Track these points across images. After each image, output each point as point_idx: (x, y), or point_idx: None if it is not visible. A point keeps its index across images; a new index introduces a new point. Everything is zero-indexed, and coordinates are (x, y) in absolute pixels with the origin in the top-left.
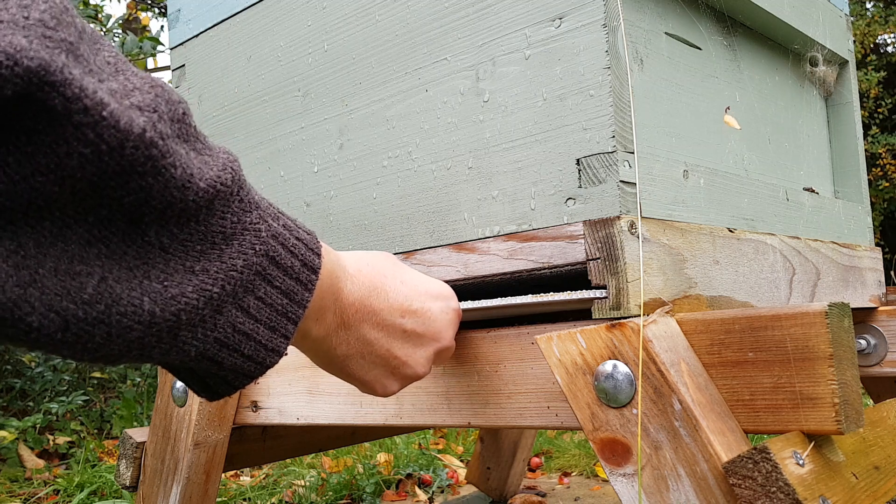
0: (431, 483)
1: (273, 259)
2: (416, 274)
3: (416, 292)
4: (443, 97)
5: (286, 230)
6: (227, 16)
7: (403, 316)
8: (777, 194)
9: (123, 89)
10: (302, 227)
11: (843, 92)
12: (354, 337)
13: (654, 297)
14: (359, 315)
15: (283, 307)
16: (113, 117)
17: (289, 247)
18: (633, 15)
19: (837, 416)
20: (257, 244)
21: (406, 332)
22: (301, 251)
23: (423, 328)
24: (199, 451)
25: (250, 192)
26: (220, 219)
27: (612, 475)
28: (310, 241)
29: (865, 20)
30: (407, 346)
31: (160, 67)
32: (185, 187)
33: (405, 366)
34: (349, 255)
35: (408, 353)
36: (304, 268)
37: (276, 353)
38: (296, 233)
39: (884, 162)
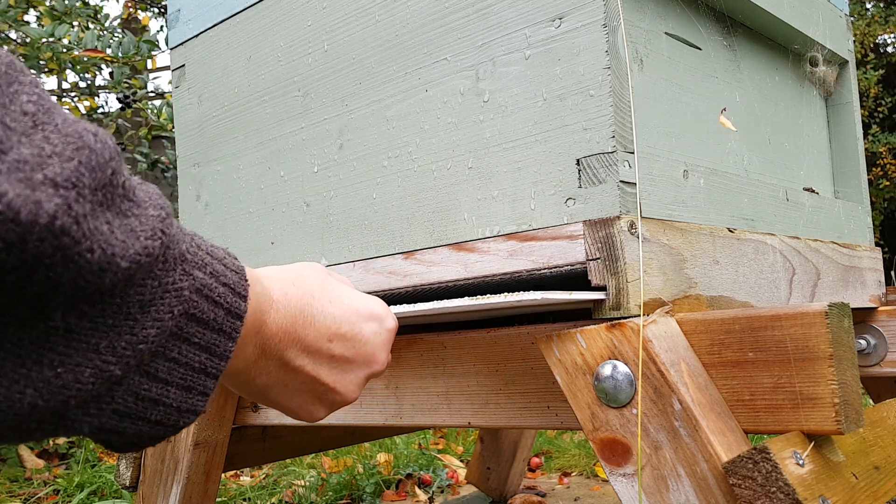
0: (431, 483)
1: (193, 316)
2: (348, 291)
3: (346, 313)
4: (443, 97)
5: (213, 277)
6: (227, 16)
7: (332, 340)
8: (777, 194)
9: (37, 157)
10: (230, 267)
11: (843, 92)
12: (276, 365)
13: (654, 297)
14: (282, 344)
15: (201, 364)
16: (11, 209)
17: (213, 297)
18: (633, 15)
19: (837, 416)
20: (177, 306)
21: (334, 357)
22: (227, 299)
23: (352, 352)
24: (199, 451)
25: (178, 244)
26: (139, 287)
27: (612, 475)
28: (237, 283)
29: (865, 20)
30: (335, 371)
31: (160, 68)
32: (102, 270)
33: (333, 392)
34: (276, 275)
35: (336, 379)
36: (228, 316)
37: (191, 413)
38: (223, 277)
39: (884, 161)
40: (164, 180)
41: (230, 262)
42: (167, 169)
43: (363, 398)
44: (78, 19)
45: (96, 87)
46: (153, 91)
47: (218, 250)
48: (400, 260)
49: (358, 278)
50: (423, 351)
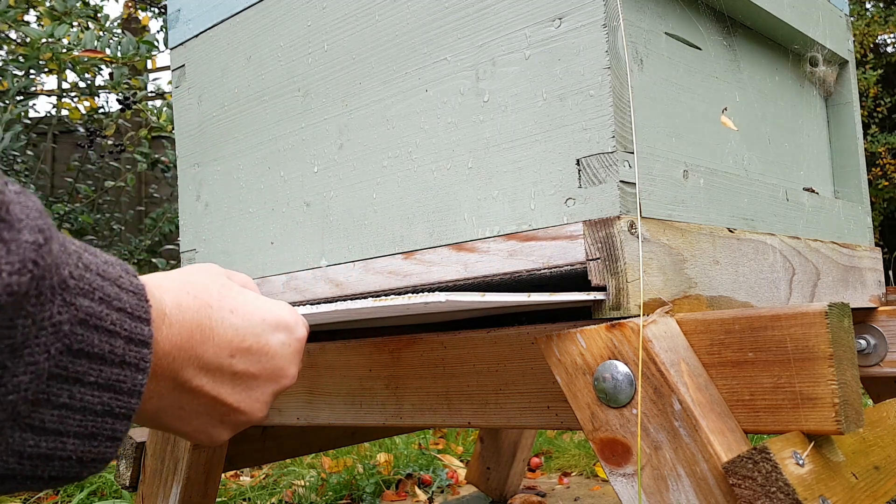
0: (431, 483)
1: (80, 352)
2: (251, 298)
3: (249, 323)
4: (443, 97)
5: (103, 303)
6: (227, 16)
7: (234, 355)
8: (777, 194)
9: None
10: (127, 287)
11: (843, 92)
12: (169, 387)
13: (654, 297)
14: (176, 363)
15: (104, 405)
16: None
17: (105, 326)
18: (633, 15)
19: (837, 416)
20: (54, 343)
21: (237, 374)
22: (125, 325)
23: (258, 368)
24: (199, 451)
25: (58, 270)
26: (7, 330)
27: (612, 475)
28: (136, 305)
29: (865, 20)
30: (239, 390)
31: (160, 68)
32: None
33: (237, 413)
34: (167, 284)
35: (240, 398)
36: (130, 345)
37: (98, 461)
38: (118, 301)
39: (883, 161)
40: (164, 180)
41: (127, 280)
42: (167, 169)
43: (363, 398)
44: (78, 20)
45: (96, 88)
46: (153, 91)
47: (113, 268)
48: (400, 260)
49: (358, 278)
50: (423, 351)
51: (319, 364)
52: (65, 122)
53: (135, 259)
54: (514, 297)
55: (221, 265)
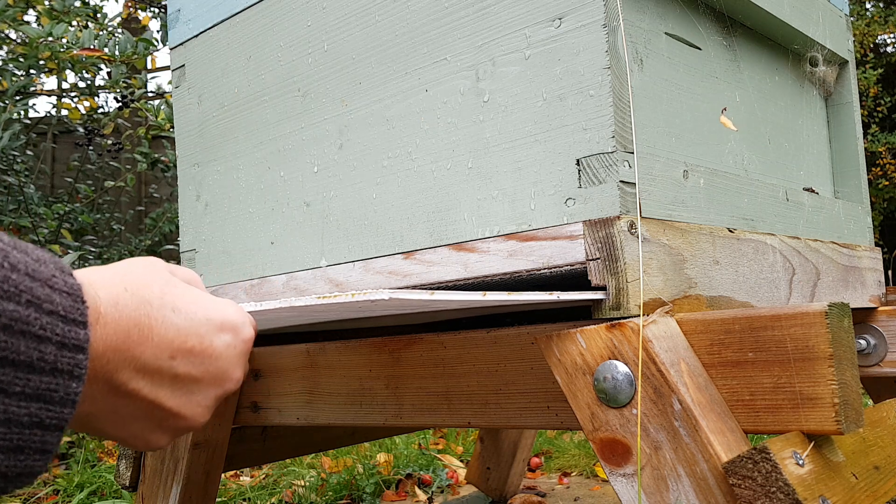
0: (431, 483)
1: (3, 361)
2: (195, 296)
3: (193, 323)
4: (443, 97)
5: (31, 307)
6: (227, 16)
7: (175, 357)
8: (777, 194)
9: None
10: (60, 287)
11: (843, 92)
12: (104, 391)
13: (654, 297)
14: (112, 365)
15: (32, 416)
16: None
17: (34, 332)
18: (633, 15)
19: (837, 416)
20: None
21: (178, 377)
22: (56, 329)
23: (201, 370)
24: (199, 451)
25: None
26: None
27: (612, 475)
28: (70, 307)
29: (865, 20)
30: (179, 394)
31: (160, 68)
32: None
33: (177, 418)
34: (104, 280)
35: (181, 402)
36: (63, 351)
37: (27, 475)
38: (49, 304)
39: (883, 161)
40: (164, 180)
41: (61, 280)
42: (167, 169)
43: (363, 398)
44: (77, 19)
45: (96, 88)
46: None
47: (45, 266)
48: (400, 260)
49: (358, 278)
50: (423, 351)
51: (319, 364)
52: (64, 122)
53: None
54: (467, 295)
55: (221, 265)
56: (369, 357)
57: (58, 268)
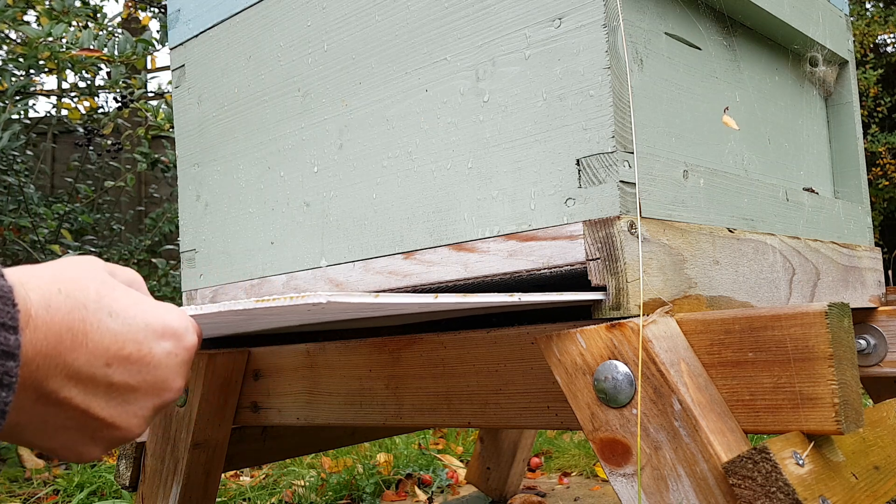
0: (431, 483)
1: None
2: (135, 300)
3: (131, 329)
4: (443, 97)
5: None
6: (226, 16)
7: (110, 364)
8: (777, 194)
9: None
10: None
11: (843, 92)
12: (32, 399)
13: (654, 297)
14: (41, 371)
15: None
16: None
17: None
18: (633, 15)
19: (837, 416)
20: None
21: (114, 385)
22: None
23: (138, 379)
24: (199, 451)
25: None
26: None
27: (612, 475)
28: (7, 293)
29: (865, 20)
30: (114, 403)
31: (160, 68)
32: None
33: (111, 428)
34: (36, 281)
35: (115, 413)
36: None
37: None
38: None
39: (883, 161)
40: (164, 180)
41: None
42: (167, 169)
43: (363, 398)
44: (76, 19)
45: (96, 88)
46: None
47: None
48: (400, 260)
49: (358, 278)
50: (423, 351)
51: (319, 364)
52: (64, 122)
53: (135, 259)
54: (415, 298)
55: (221, 265)
56: (369, 357)
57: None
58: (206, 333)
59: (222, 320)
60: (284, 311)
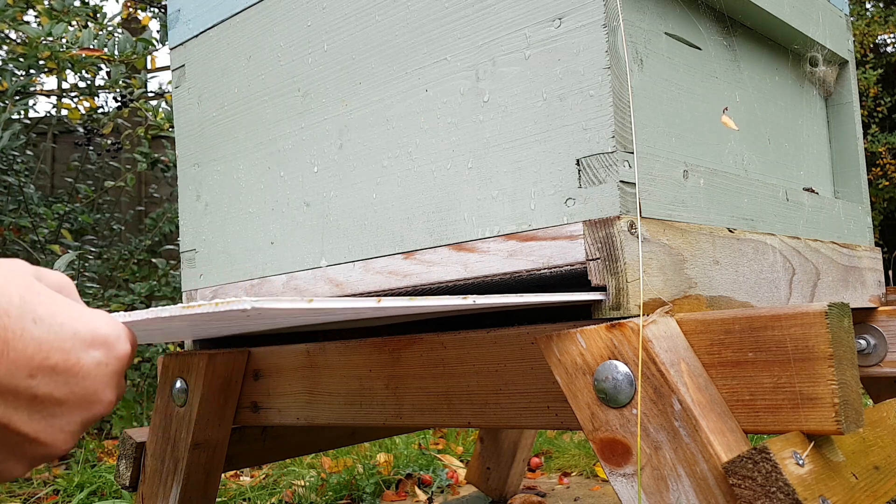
0: (431, 483)
1: None
2: (63, 306)
3: (57, 337)
4: (443, 97)
5: None
6: (226, 16)
7: (34, 375)
8: (777, 194)
9: None
10: None
11: (843, 92)
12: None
13: (654, 297)
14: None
15: None
16: None
17: None
18: (633, 15)
19: (837, 416)
20: None
21: (37, 397)
22: None
23: (65, 391)
24: (199, 451)
25: None
26: None
27: (612, 475)
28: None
29: (865, 20)
30: (38, 417)
31: (160, 68)
32: None
33: (34, 444)
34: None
35: (39, 427)
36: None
37: None
38: None
39: (883, 161)
40: (164, 180)
41: None
42: (167, 169)
43: (363, 398)
44: (76, 18)
45: (96, 88)
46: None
47: None
48: (400, 260)
49: (358, 278)
50: (423, 351)
51: (319, 364)
52: (64, 122)
53: (135, 259)
54: (355, 303)
55: (221, 265)
56: (369, 357)
57: None
58: (201, 335)
59: (154, 327)
60: (210, 318)
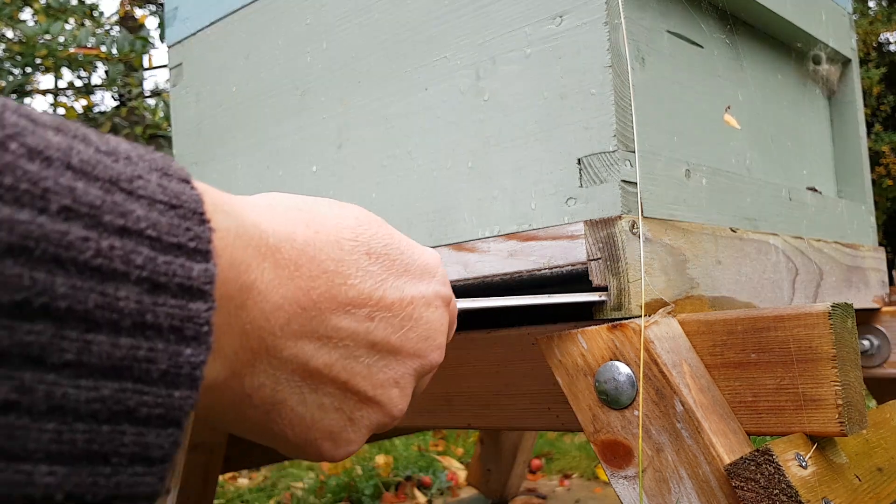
0: (431, 485)
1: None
2: (394, 236)
3: (388, 271)
4: (443, 96)
5: (106, 194)
6: (224, 14)
7: (372, 318)
8: (780, 194)
9: None
10: (166, 196)
11: (846, 91)
12: (289, 368)
13: (656, 297)
14: (292, 327)
15: (117, 401)
16: None
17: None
18: (635, 13)
19: (840, 417)
20: None
21: (375, 345)
22: (174, 264)
23: (400, 337)
24: (197, 452)
25: None
26: None
27: (614, 477)
28: (189, 195)
29: (868, 18)
30: (375, 370)
31: (157, 66)
32: None
33: (370, 406)
34: (269, 211)
35: (377, 383)
36: (180, 295)
37: (131, 498)
38: (157, 212)
39: (887, 160)
40: None
41: (153, 183)
42: None
43: None
44: (73, 16)
45: (92, 86)
46: (151, 90)
47: (131, 166)
48: None
49: None
50: None
51: None
52: None
53: None
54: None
55: None
56: None
57: (160, 160)
58: None
59: None
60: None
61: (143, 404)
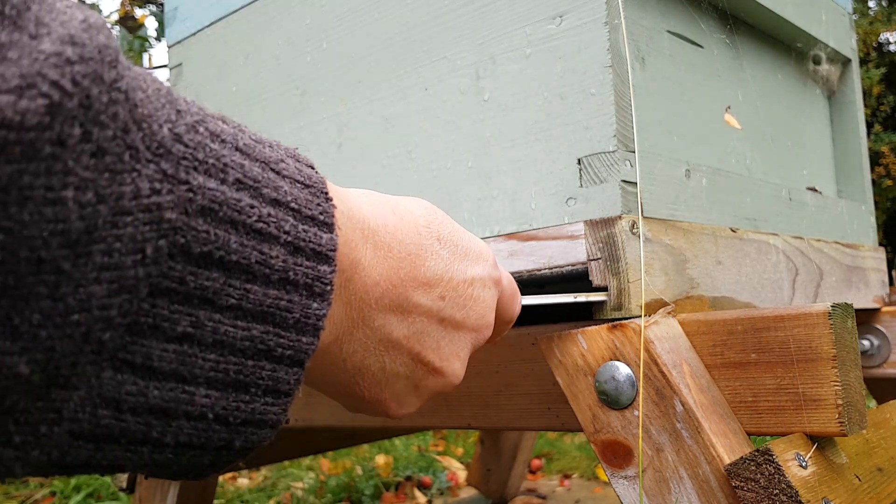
0: (431, 485)
1: (206, 258)
2: (452, 224)
3: (454, 256)
4: (442, 96)
5: (244, 190)
6: (224, 14)
7: (443, 298)
8: (780, 194)
9: None
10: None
11: (846, 91)
12: (376, 337)
13: (656, 297)
14: (384, 301)
15: (257, 339)
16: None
17: (256, 224)
18: (635, 13)
19: (840, 417)
20: (152, 240)
21: (444, 321)
22: (308, 230)
23: (462, 314)
24: None
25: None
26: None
27: (614, 477)
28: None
29: (868, 19)
30: (443, 343)
31: (156, 66)
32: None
33: (435, 374)
34: (363, 197)
35: (443, 355)
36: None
37: (253, 425)
38: (295, 189)
39: (887, 161)
40: None
41: (292, 166)
42: None
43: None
44: None
45: None
46: None
47: (274, 150)
48: None
49: None
50: None
51: None
52: None
53: None
54: None
55: None
56: None
57: (287, 150)
58: None
59: None
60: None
61: (279, 345)
